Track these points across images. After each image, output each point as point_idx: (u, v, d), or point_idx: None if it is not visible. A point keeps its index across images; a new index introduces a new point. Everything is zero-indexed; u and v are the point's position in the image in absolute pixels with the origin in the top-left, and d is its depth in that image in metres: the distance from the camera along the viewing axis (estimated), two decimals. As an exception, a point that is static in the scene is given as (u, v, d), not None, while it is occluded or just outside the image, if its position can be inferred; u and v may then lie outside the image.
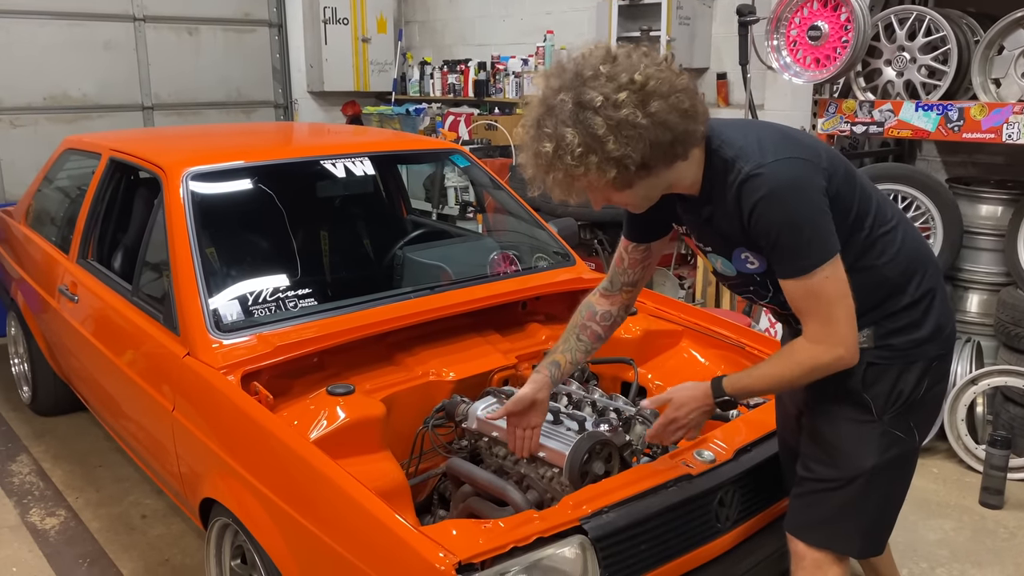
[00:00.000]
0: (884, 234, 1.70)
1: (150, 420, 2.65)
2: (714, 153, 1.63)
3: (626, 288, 2.01)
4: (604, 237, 5.18)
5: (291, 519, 1.91)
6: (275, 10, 7.30)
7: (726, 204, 1.63)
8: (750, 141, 1.61)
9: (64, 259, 3.38)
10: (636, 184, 1.59)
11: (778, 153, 1.58)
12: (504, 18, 6.94)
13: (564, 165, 1.52)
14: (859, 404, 1.72)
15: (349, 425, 2.11)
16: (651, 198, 1.68)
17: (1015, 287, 3.68)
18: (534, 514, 1.76)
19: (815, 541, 1.80)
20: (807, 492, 1.81)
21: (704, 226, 1.74)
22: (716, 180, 1.64)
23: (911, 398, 1.72)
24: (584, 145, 1.50)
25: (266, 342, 2.35)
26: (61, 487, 3.47)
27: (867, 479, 1.73)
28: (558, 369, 2.00)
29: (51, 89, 6.27)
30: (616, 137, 1.48)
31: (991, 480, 3.30)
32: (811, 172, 1.58)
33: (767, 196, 1.55)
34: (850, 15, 3.63)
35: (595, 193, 1.63)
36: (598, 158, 1.50)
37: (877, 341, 1.71)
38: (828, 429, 1.77)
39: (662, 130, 1.51)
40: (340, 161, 3.12)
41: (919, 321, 1.72)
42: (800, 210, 1.56)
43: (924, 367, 1.73)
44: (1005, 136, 3.35)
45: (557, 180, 1.56)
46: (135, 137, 3.79)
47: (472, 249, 3.53)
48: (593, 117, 1.49)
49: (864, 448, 1.73)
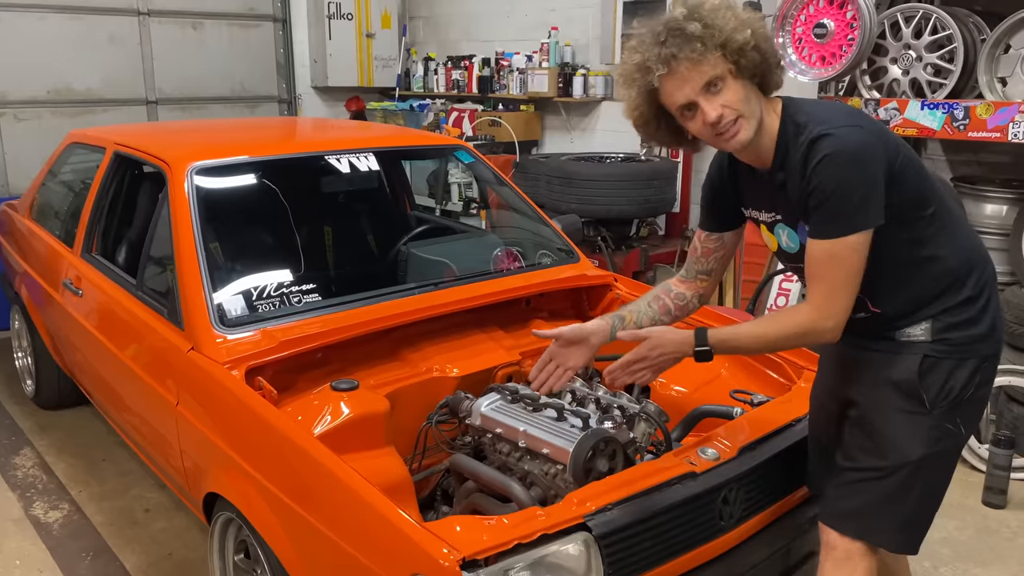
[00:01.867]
0: (947, 225, 1.74)
1: (154, 414, 2.65)
2: (788, 118, 1.72)
3: (701, 276, 2.06)
4: (608, 234, 5.17)
5: (295, 514, 1.91)
6: (279, 5, 7.29)
7: (796, 167, 1.68)
8: (820, 110, 1.71)
9: (68, 253, 3.39)
10: (738, 80, 1.66)
11: (849, 121, 1.66)
12: (508, 14, 6.93)
13: (689, 37, 1.61)
14: (912, 395, 1.74)
15: (353, 421, 2.11)
16: (738, 110, 1.67)
17: (1020, 286, 3.67)
18: (538, 511, 1.76)
19: (850, 531, 1.80)
20: (848, 482, 1.82)
21: (778, 193, 1.77)
22: (789, 144, 1.70)
23: (961, 395, 1.75)
24: (702, 16, 1.63)
25: (270, 337, 2.36)
26: (65, 481, 3.48)
27: (912, 470, 1.75)
28: (621, 323, 1.99)
29: (55, 83, 6.26)
30: (732, 11, 1.64)
31: (994, 480, 3.30)
32: (876, 146, 1.63)
33: (831, 155, 1.60)
34: (856, 13, 3.62)
35: (691, 82, 1.65)
36: (718, 31, 1.61)
37: (935, 335, 1.74)
38: (878, 418, 1.78)
39: (763, 41, 1.65)
40: (344, 156, 3.13)
41: (976, 318, 1.75)
42: (857, 176, 1.60)
43: (976, 364, 1.75)
44: (1011, 135, 3.34)
45: (677, 61, 1.62)
46: (140, 131, 3.79)
47: (476, 245, 3.53)
48: (704, 1, 1.65)
49: (914, 439, 1.74)
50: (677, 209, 5.62)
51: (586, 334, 1.93)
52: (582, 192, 5.04)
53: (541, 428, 2.11)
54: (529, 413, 2.19)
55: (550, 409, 2.17)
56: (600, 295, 3.08)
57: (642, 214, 5.33)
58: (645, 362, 1.78)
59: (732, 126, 1.68)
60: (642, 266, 5.21)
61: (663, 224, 5.84)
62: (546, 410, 2.18)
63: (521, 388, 2.30)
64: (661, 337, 1.77)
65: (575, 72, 6.16)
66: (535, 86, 6.29)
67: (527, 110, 6.61)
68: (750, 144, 1.72)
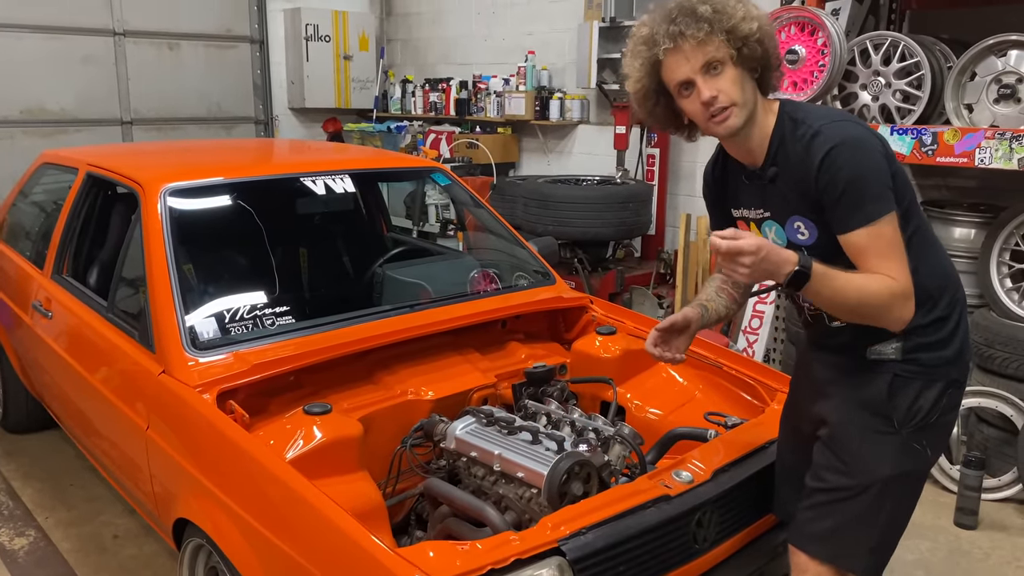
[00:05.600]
0: (924, 242, 1.77)
1: (124, 438, 2.61)
2: (784, 115, 1.77)
3: None
4: (584, 256, 5.20)
5: (266, 540, 1.89)
6: (257, 27, 7.30)
7: (793, 161, 1.72)
8: (818, 109, 1.79)
9: (38, 274, 3.34)
10: (737, 68, 1.70)
11: (847, 117, 1.73)
12: (486, 38, 6.99)
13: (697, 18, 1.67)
14: (881, 414, 1.77)
15: (326, 445, 2.09)
16: (732, 98, 1.71)
17: (988, 309, 3.73)
18: (512, 535, 1.75)
19: (821, 554, 1.81)
20: (817, 504, 1.82)
21: (767, 187, 1.80)
22: (785, 138, 1.74)
23: (928, 417, 1.77)
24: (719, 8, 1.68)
25: (243, 360, 2.33)
26: (31, 506, 3.41)
27: (880, 489, 1.76)
28: (706, 312, 2.00)
29: (28, 102, 6.22)
30: (743, 4, 1.69)
31: (966, 500, 3.33)
32: (875, 141, 1.69)
33: (840, 145, 1.64)
34: (827, 40, 3.69)
35: (692, 61, 1.69)
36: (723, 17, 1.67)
37: (905, 354, 1.76)
38: (848, 438, 1.80)
39: (768, 38, 1.71)
40: (320, 178, 3.12)
41: (946, 340, 1.78)
42: (869, 163, 1.65)
43: (944, 387, 1.78)
44: (977, 160, 3.40)
45: (683, 39, 1.67)
46: (113, 152, 3.76)
47: (452, 267, 3.53)
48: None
49: (882, 458, 1.76)
50: (653, 231, 5.67)
51: (685, 322, 1.96)
52: (558, 214, 5.07)
53: (516, 451, 2.11)
54: (504, 436, 2.18)
55: (525, 432, 2.16)
56: (576, 317, 3.09)
57: (618, 236, 5.36)
58: (749, 258, 1.57)
59: (724, 111, 1.71)
60: (618, 288, 5.24)
61: (639, 246, 5.88)
62: (521, 433, 2.17)
63: (496, 411, 2.29)
64: (771, 246, 1.61)
65: (552, 95, 6.22)
66: (512, 109, 6.33)
67: (504, 132, 6.65)
68: (741, 133, 1.75)
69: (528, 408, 2.42)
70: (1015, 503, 3.49)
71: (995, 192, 4.13)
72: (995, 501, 3.49)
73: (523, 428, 2.18)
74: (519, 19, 6.66)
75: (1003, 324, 3.58)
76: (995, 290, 3.68)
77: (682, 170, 5.63)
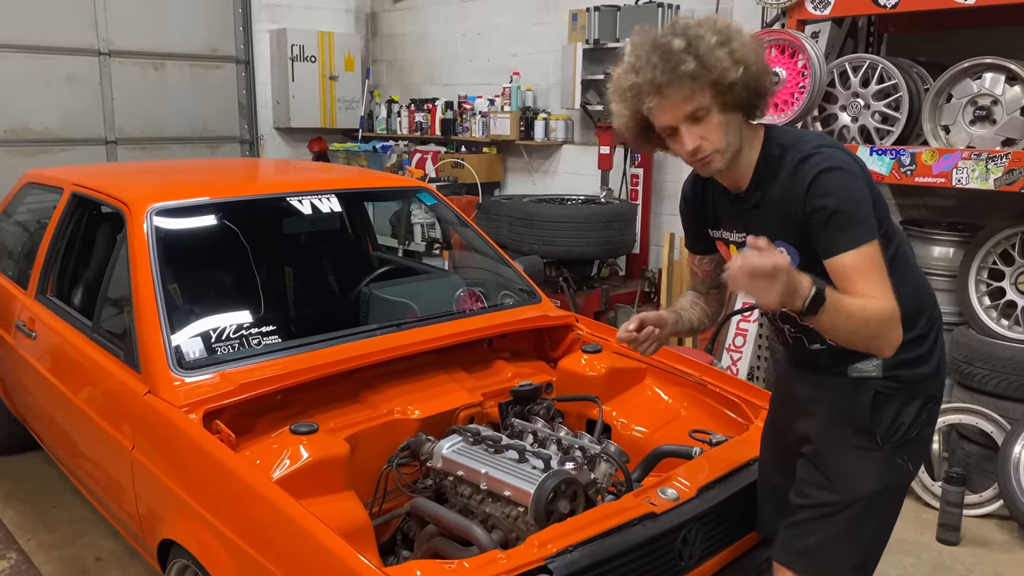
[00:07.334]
0: (903, 262, 1.80)
1: (108, 459, 2.60)
2: (770, 141, 1.78)
3: (712, 291, 2.11)
4: (569, 274, 5.22)
5: (252, 560, 1.88)
6: (243, 47, 7.32)
7: (779, 186, 1.73)
8: (805, 134, 1.79)
9: (22, 294, 3.33)
10: (723, 114, 1.69)
11: (832, 143, 1.74)
12: (471, 59, 7.05)
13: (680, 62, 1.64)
14: (864, 431, 1.79)
15: (312, 465, 2.09)
16: (715, 145, 1.71)
17: (967, 327, 3.78)
18: (499, 554, 1.75)
19: (806, 570, 1.83)
20: (801, 520, 1.84)
21: (751, 212, 1.81)
22: (771, 164, 1.76)
23: (909, 432, 1.79)
24: (699, 54, 1.64)
25: (229, 380, 2.33)
26: (12, 529, 3.37)
27: (864, 505, 1.78)
28: (680, 319, 2.03)
29: (11, 122, 6.19)
30: (728, 49, 1.65)
31: (948, 517, 3.36)
32: (857, 167, 1.72)
33: (831, 168, 1.66)
34: (807, 62, 3.75)
35: (676, 111, 1.68)
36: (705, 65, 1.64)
37: (886, 372, 1.78)
38: (832, 454, 1.82)
39: (755, 77, 1.68)
40: (306, 198, 3.13)
41: (925, 356, 1.81)
42: (857, 188, 1.67)
43: (923, 403, 1.81)
44: (955, 180, 3.46)
45: (668, 91, 1.65)
46: (98, 172, 3.76)
47: (438, 286, 3.54)
48: (704, 35, 1.65)
49: (865, 474, 1.78)
50: (637, 250, 5.71)
51: (660, 319, 1.95)
52: (544, 233, 5.11)
53: (503, 470, 2.11)
54: (491, 455, 2.19)
55: (512, 451, 2.17)
56: (562, 335, 3.11)
57: (603, 255, 5.40)
58: (769, 277, 1.48)
59: (706, 157, 1.73)
60: (603, 306, 5.26)
61: (623, 265, 5.92)
62: (508, 451, 2.18)
63: (483, 430, 2.30)
64: (791, 269, 1.52)
65: (536, 116, 6.27)
66: (497, 129, 6.38)
67: (489, 152, 6.69)
68: (725, 170, 1.77)
69: (514, 426, 2.43)
70: (996, 519, 3.52)
71: (973, 212, 4.20)
72: (977, 517, 3.52)
73: (510, 446, 2.19)
74: (504, 40, 6.72)
75: (982, 341, 3.63)
76: (974, 308, 3.73)
77: (666, 190, 5.68)
